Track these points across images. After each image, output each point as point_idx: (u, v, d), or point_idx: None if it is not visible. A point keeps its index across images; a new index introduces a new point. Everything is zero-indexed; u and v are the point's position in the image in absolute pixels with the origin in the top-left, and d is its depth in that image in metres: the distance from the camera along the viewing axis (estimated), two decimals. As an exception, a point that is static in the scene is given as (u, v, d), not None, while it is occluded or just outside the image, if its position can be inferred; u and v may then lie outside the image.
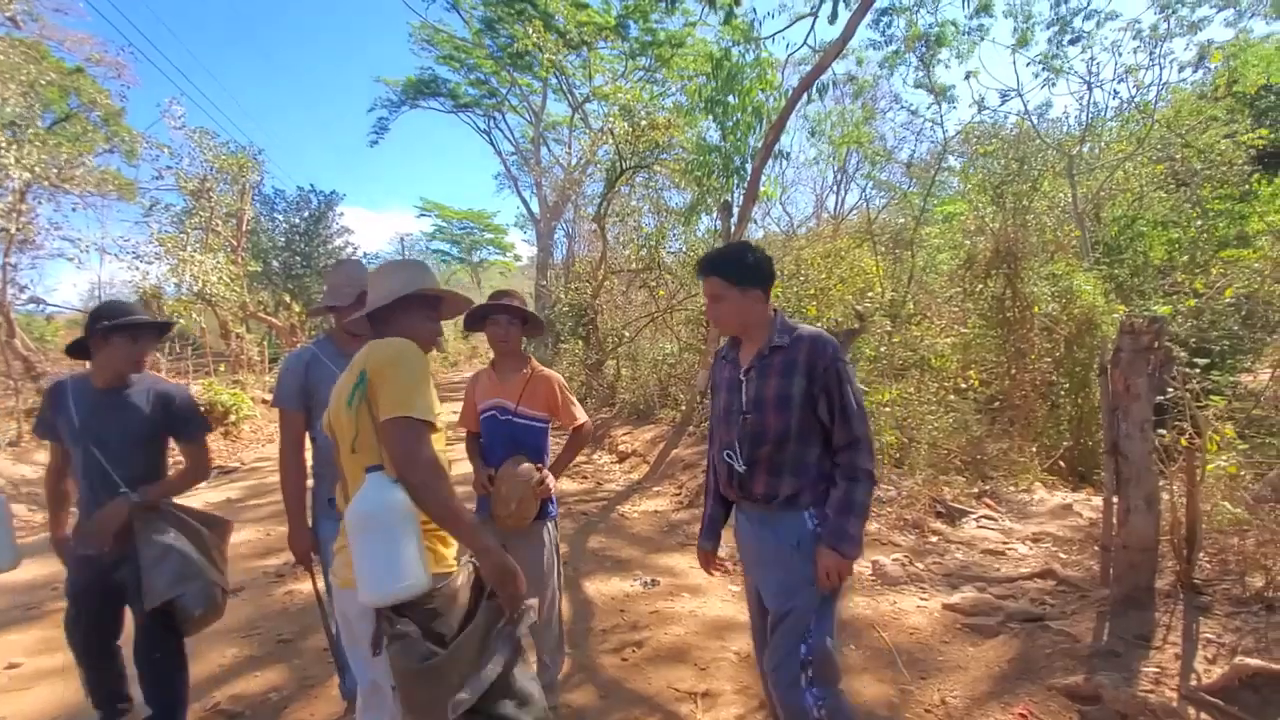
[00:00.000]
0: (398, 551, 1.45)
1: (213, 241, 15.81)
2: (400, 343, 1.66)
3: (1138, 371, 3.03)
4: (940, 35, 9.78)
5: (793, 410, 1.87)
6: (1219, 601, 3.14)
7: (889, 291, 9.93)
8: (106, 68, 14.67)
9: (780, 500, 1.91)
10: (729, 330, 2.06)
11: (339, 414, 1.66)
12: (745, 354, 2.00)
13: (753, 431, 1.92)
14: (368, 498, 1.47)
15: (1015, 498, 5.76)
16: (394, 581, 1.44)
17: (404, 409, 1.52)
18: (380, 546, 1.45)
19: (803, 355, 1.88)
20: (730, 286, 1.95)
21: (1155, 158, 11.36)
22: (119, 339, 2.29)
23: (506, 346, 2.64)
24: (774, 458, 1.91)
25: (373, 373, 1.58)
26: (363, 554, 1.46)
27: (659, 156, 12.21)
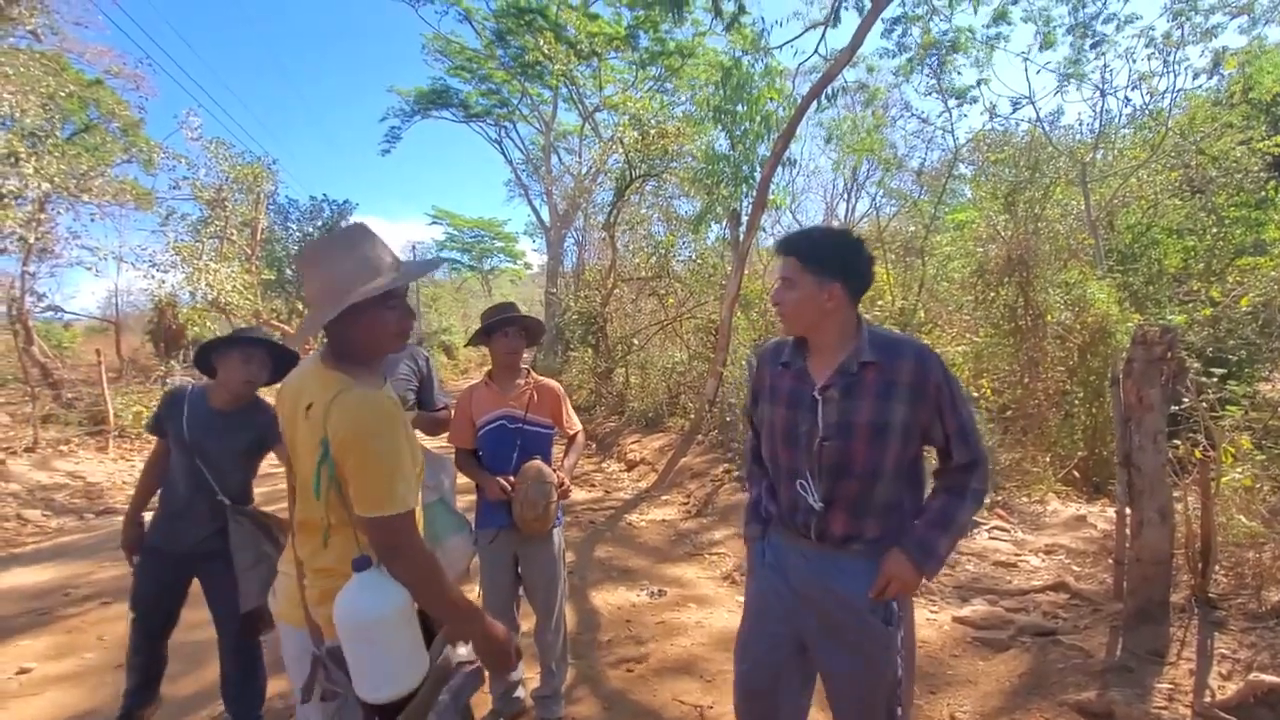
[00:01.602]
0: (400, 652, 1.35)
1: (228, 250, 15.99)
2: (365, 408, 1.34)
3: (1150, 382, 2.99)
4: (956, 41, 9.76)
5: (890, 442, 1.53)
6: (1234, 616, 3.08)
7: (899, 300, 9.88)
8: (125, 80, 14.90)
9: (864, 542, 1.59)
10: (794, 326, 1.64)
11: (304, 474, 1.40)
12: (818, 365, 1.62)
13: (834, 463, 1.56)
14: (361, 604, 1.30)
15: (1028, 509, 5.70)
16: (399, 683, 1.34)
17: (388, 507, 1.31)
18: (383, 652, 1.33)
19: (906, 375, 1.54)
20: (805, 272, 1.58)
21: (1170, 165, 11.26)
22: (236, 356, 2.38)
23: (510, 358, 2.66)
24: (861, 496, 1.57)
25: (337, 449, 1.31)
26: (363, 658, 1.33)
27: (669, 165, 12.25)
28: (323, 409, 1.33)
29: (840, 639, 1.62)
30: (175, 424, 2.41)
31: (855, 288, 1.61)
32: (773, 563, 1.72)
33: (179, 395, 2.48)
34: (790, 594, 1.67)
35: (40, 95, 10.62)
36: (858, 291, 1.62)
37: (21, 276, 12.24)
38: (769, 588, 1.73)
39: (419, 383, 2.67)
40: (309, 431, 1.36)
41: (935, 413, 1.56)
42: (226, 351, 2.38)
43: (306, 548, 1.45)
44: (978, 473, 1.59)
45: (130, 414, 10.64)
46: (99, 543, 5.70)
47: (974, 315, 8.63)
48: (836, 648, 1.63)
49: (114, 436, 10.00)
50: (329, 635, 1.40)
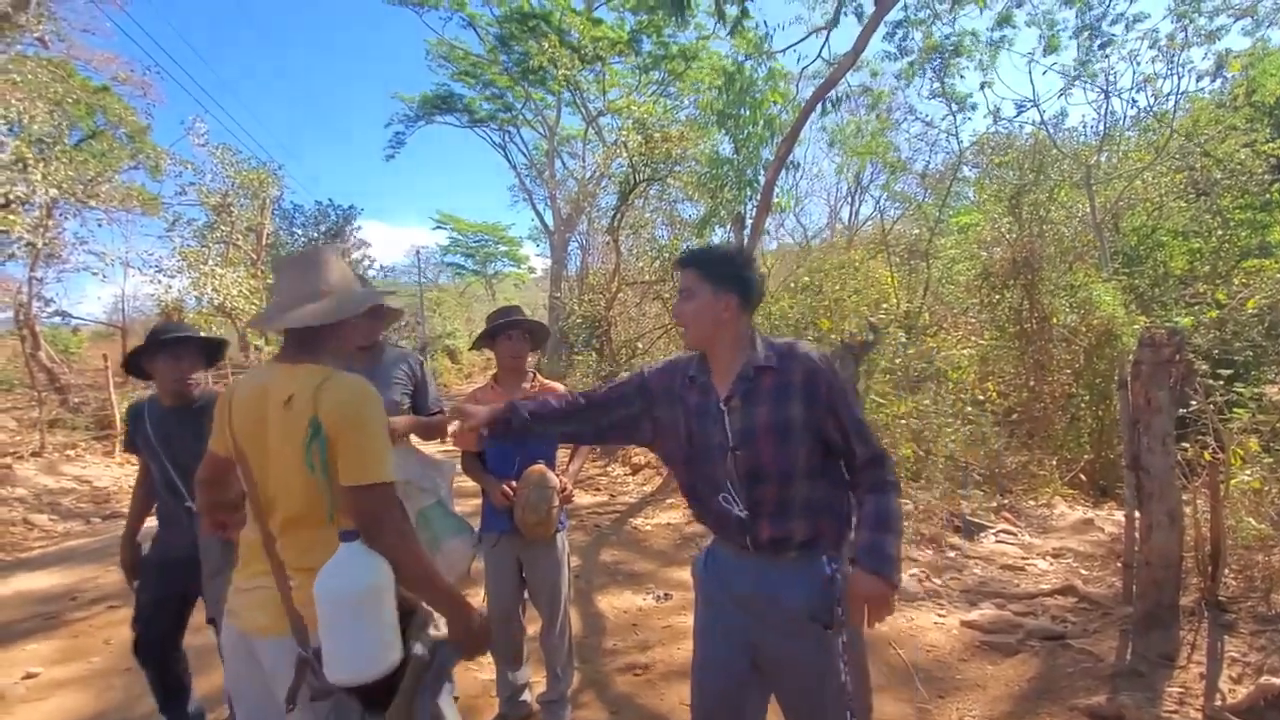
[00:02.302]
0: (378, 630, 1.35)
1: (233, 255, 16.08)
2: (357, 385, 1.44)
3: (1159, 384, 2.98)
4: (958, 45, 9.77)
5: (794, 442, 1.59)
6: (1244, 619, 3.07)
7: (904, 303, 9.87)
8: (133, 86, 14.98)
9: (795, 546, 1.62)
10: (694, 337, 1.71)
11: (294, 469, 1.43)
12: (720, 378, 1.68)
13: (748, 469, 1.61)
14: (349, 575, 1.32)
15: (1035, 512, 5.68)
16: (375, 664, 1.34)
17: (378, 475, 1.38)
18: (363, 628, 1.33)
19: (799, 376, 1.61)
20: (703, 282, 1.66)
21: (1174, 167, 11.25)
22: (163, 359, 2.37)
23: (514, 361, 2.67)
24: (780, 498, 1.61)
25: (332, 423, 1.38)
26: (342, 634, 1.32)
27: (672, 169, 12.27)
28: (311, 393, 1.40)
29: (783, 648, 1.64)
30: (142, 435, 2.42)
31: (748, 300, 1.68)
32: (715, 572, 1.75)
33: (138, 407, 2.49)
34: (732, 605, 1.69)
35: (48, 102, 10.70)
36: (751, 304, 1.70)
37: (29, 282, 12.31)
38: (713, 601, 1.76)
39: (414, 387, 2.63)
40: (290, 420, 1.41)
41: (829, 412, 1.60)
42: (154, 354, 2.37)
43: (293, 549, 1.45)
44: (886, 464, 1.63)
45: (136, 419, 10.68)
46: (106, 547, 5.71)
47: (979, 318, 8.62)
48: (780, 658, 1.65)
49: (120, 441, 10.04)
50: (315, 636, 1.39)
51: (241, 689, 1.54)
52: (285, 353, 1.54)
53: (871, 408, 6.44)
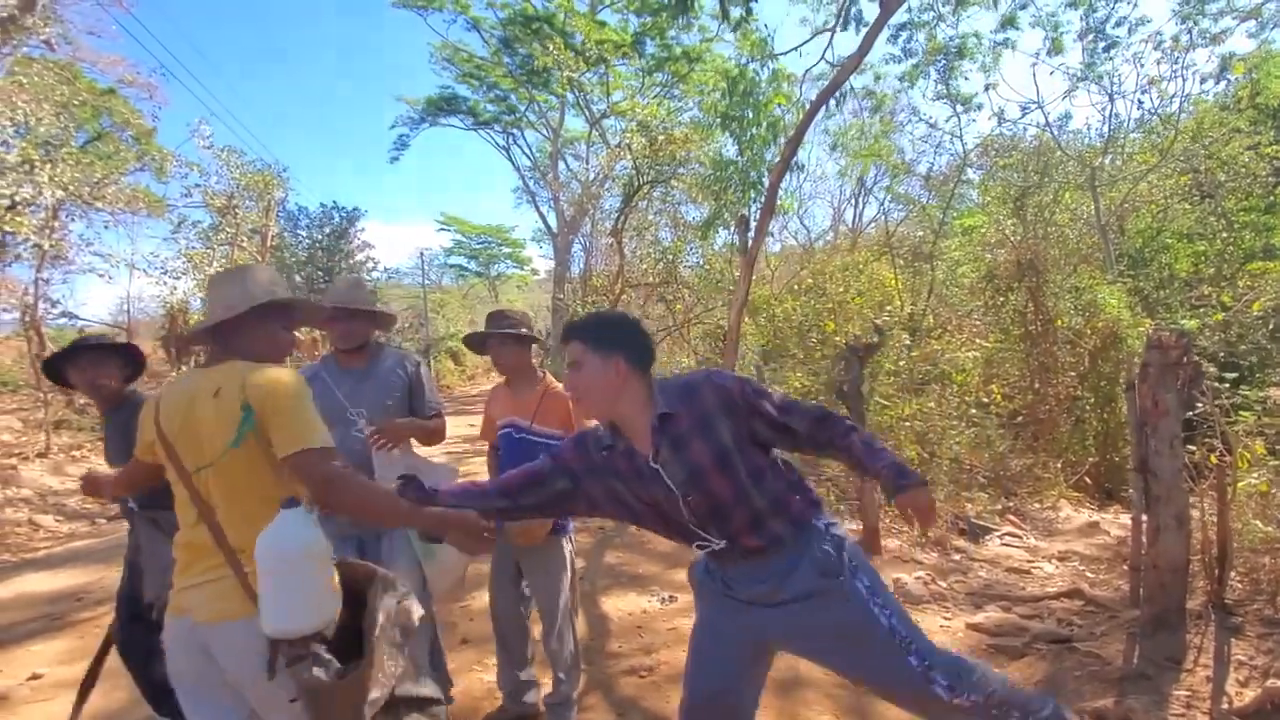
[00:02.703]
0: (315, 588, 1.46)
1: (238, 257, 16.10)
2: (279, 371, 1.57)
3: (1166, 387, 2.97)
4: (962, 47, 9.77)
5: (736, 462, 1.61)
6: (1251, 622, 3.06)
7: (908, 305, 9.86)
8: (139, 89, 15.04)
9: (786, 538, 1.64)
10: (593, 408, 1.72)
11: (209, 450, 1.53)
12: (638, 439, 1.68)
13: (706, 509, 1.63)
14: (286, 536, 1.43)
15: (1040, 515, 5.67)
16: (310, 616, 1.44)
17: (310, 441, 1.49)
18: (299, 584, 1.44)
19: (711, 402, 1.63)
20: (588, 351, 1.67)
21: (1179, 169, 11.23)
22: (72, 372, 2.40)
23: (506, 366, 2.66)
24: (749, 516, 1.63)
25: (259, 402, 1.50)
26: (278, 589, 1.42)
27: (676, 171, 12.29)
28: (238, 383, 1.52)
29: (812, 620, 1.64)
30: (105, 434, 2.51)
31: (637, 358, 1.68)
32: (716, 577, 1.76)
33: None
34: (740, 603, 1.70)
35: (54, 104, 10.74)
36: (641, 361, 1.70)
37: (35, 283, 12.35)
38: (714, 602, 1.77)
39: (409, 389, 2.57)
40: (222, 408, 1.51)
41: (753, 414, 1.63)
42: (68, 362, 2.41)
43: (242, 534, 1.51)
44: (833, 417, 1.67)
45: (141, 420, 10.70)
46: (111, 548, 5.72)
47: (983, 320, 8.61)
48: (813, 630, 1.65)
49: (125, 442, 10.06)
50: None
51: (191, 683, 1.58)
52: (208, 358, 1.67)
53: (876, 410, 6.44)
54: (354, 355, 2.52)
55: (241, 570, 1.51)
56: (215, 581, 1.52)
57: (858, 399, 4.87)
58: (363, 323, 2.51)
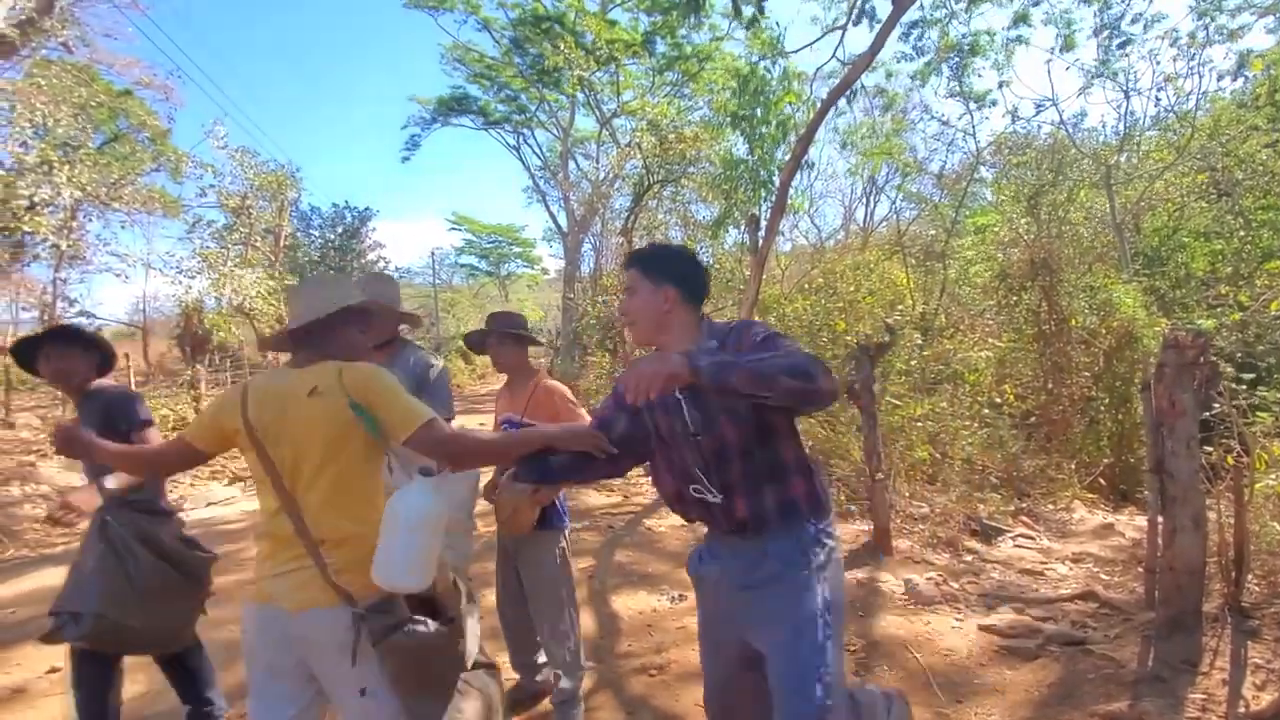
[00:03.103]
0: (431, 551, 1.60)
1: (252, 256, 16.27)
2: (366, 366, 1.70)
3: (1183, 387, 2.94)
4: (975, 45, 9.69)
5: (746, 412, 1.59)
6: (1268, 625, 3.02)
7: (920, 304, 9.81)
8: (154, 90, 15.23)
9: (774, 516, 1.62)
10: (640, 334, 1.77)
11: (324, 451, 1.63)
12: None
13: (712, 452, 1.64)
14: (417, 502, 1.57)
15: (1054, 516, 5.63)
16: (423, 575, 1.59)
17: (418, 419, 1.62)
18: (420, 545, 1.57)
19: (733, 345, 1.63)
20: (642, 279, 1.71)
21: (1196, 167, 11.09)
22: (40, 360, 2.39)
23: (505, 364, 2.79)
24: (746, 472, 1.62)
25: (363, 395, 1.62)
26: (403, 548, 1.56)
27: (686, 170, 12.28)
28: (336, 382, 1.62)
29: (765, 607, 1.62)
30: None
31: (689, 291, 1.72)
32: (711, 563, 1.77)
33: None
34: (729, 592, 1.70)
35: (72, 106, 10.89)
36: (693, 295, 1.73)
37: (53, 282, 12.55)
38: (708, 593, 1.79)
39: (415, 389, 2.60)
40: (321, 406, 1.62)
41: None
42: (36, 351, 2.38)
43: (325, 523, 1.61)
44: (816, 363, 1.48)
45: (157, 417, 10.82)
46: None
47: (996, 320, 8.55)
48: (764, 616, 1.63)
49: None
50: (361, 597, 1.57)
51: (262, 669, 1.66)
52: (296, 360, 1.76)
53: (887, 409, 6.40)
54: (378, 351, 2.53)
55: (322, 561, 1.59)
56: (297, 571, 1.61)
57: (869, 398, 4.85)
58: (391, 321, 2.53)
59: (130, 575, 2.23)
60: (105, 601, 2.19)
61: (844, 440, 6.54)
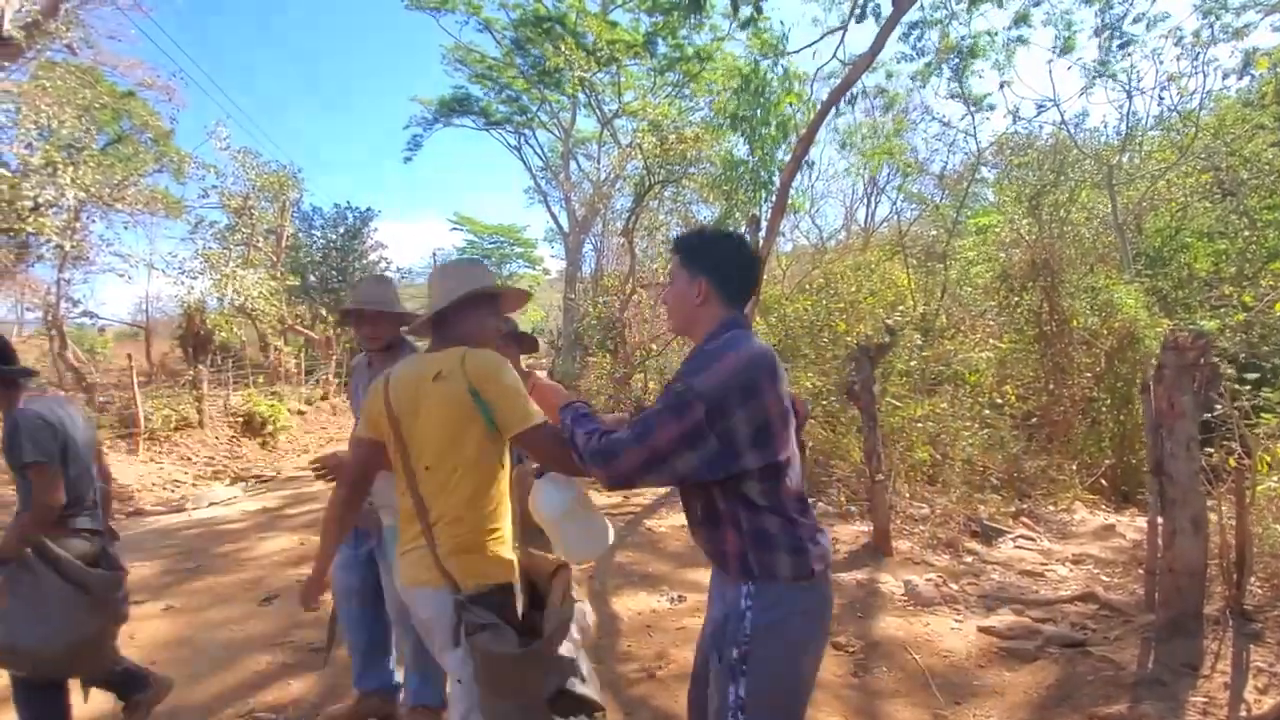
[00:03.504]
0: (586, 529, 1.79)
1: (254, 257, 16.30)
2: (490, 355, 1.74)
3: (1182, 389, 2.94)
4: (975, 46, 9.67)
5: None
6: (1271, 628, 3.01)
7: (921, 305, 9.79)
8: (157, 91, 15.25)
9: (726, 561, 1.46)
10: (673, 322, 1.64)
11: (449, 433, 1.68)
12: None
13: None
14: (547, 501, 1.74)
15: (1054, 517, 5.62)
16: (594, 547, 1.85)
17: (526, 421, 1.67)
18: (574, 530, 1.77)
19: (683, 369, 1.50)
20: (680, 267, 1.57)
21: (1200, 167, 11.05)
22: None
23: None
24: (705, 502, 1.48)
25: (481, 383, 1.67)
26: (563, 536, 1.77)
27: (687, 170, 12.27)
28: (458, 366, 1.68)
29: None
30: None
31: (724, 284, 1.52)
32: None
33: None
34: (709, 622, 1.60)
35: (76, 107, 10.92)
36: (728, 290, 1.53)
37: (57, 283, 12.58)
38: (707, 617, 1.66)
39: None
40: (443, 390, 1.68)
41: None
42: None
43: (443, 504, 1.68)
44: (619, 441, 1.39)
45: (160, 417, 10.87)
46: (130, 543, 5.81)
47: (998, 321, 8.53)
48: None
49: (144, 439, 10.22)
50: (464, 583, 1.65)
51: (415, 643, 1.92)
52: (431, 345, 1.85)
53: (887, 410, 6.40)
54: (383, 354, 2.54)
55: (434, 541, 1.67)
56: (414, 550, 1.71)
57: (869, 399, 4.84)
58: (388, 323, 2.52)
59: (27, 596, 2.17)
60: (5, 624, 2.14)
61: (844, 441, 6.54)
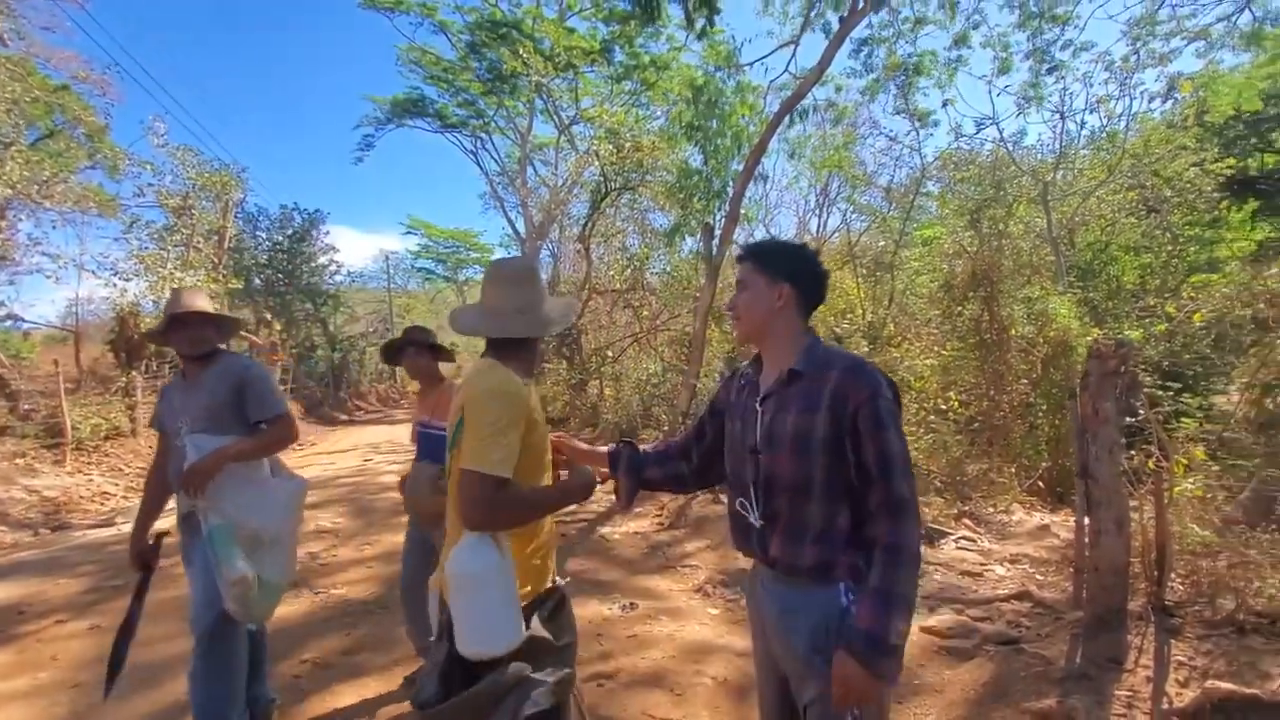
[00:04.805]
0: (488, 613, 1.47)
1: (194, 259, 15.68)
2: (491, 379, 1.57)
3: (1105, 395, 3.09)
4: (919, 64, 10.01)
5: (814, 455, 1.44)
6: (1190, 624, 3.17)
7: (870, 313, 10.05)
8: (92, 85, 14.61)
9: (804, 572, 1.48)
10: (744, 330, 1.64)
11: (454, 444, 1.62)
12: (766, 377, 1.61)
13: (766, 475, 1.52)
14: (467, 559, 1.47)
15: (994, 518, 5.81)
16: (487, 643, 1.48)
17: (472, 462, 1.48)
18: (474, 607, 1.48)
19: (830, 386, 1.45)
20: (757, 273, 1.58)
21: (1126, 185, 11.66)
22: None
23: (417, 373, 3.08)
24: (794, 515, 1.48)
25: (465, 414, 1.54)
26: (460, 610, 1.48)
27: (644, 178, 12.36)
28: (469, 381, 1.61)
29: (799, 685, 1.51)
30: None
31: (805, 293, 1.58)
32: (753, 592, 1.67)
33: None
34: (765, 629, 1.61)
35: (5, 101, 10.38)
36: (807, 298, 1.59)
37: (-22, 284, 11.89)
38: (754, 626, 1.69)
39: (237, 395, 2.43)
40: (455, 404, 1.61)
41: (851, 435, 1.43)
42: None
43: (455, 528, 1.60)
44: (903, 518, 1.39)
45: (88, 426, 10.34)
46: (55, 559, 5.52)
47: (941, 329, 8.81)
48: (798, 694, 1.52)
49: (71, 449, 9.70)
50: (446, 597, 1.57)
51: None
52: (486, 352, 1.71)
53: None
54: (195, 364, 2.47)
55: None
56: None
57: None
58: (194, 329, 2.44)
59: None
60: None
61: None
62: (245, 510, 2.34)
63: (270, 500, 2.43)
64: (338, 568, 5.18)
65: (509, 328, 1.66)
